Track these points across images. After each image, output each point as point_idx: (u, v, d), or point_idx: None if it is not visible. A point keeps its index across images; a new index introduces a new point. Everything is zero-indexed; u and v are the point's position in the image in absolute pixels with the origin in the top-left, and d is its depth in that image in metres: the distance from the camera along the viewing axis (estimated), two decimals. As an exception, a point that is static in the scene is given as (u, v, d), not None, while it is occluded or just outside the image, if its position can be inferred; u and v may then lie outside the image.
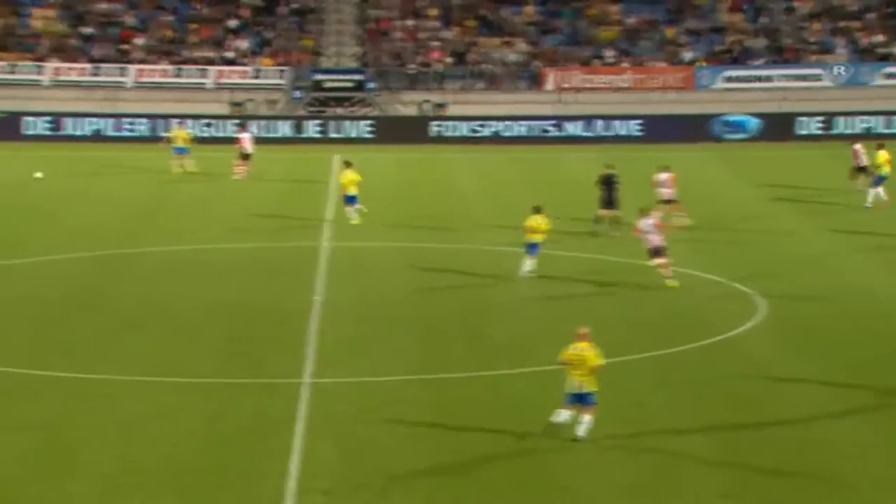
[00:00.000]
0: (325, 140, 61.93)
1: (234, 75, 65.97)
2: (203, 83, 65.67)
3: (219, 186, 48.62)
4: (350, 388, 24.71)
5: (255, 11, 70.07)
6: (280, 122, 63.40)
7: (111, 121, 62.74)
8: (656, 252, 32.73)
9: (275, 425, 22.35)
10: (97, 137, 61.89)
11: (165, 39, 68.22)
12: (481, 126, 63.02)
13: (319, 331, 28.64)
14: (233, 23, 69.27)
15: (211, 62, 66.54)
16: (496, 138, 62.41)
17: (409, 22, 69.86)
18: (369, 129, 62.87)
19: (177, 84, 65.48)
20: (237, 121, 60.89)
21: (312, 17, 70.47)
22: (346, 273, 34.73)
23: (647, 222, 32.99)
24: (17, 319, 29.48)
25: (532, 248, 33.65)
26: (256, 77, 66.01)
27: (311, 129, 63.01)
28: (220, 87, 65.49)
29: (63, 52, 66.67)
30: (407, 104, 65.06)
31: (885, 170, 43.53)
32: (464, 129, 62.92)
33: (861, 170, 45.60)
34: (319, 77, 65.61)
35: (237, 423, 22.54)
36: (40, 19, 68.61)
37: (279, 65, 66.50)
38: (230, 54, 67.40)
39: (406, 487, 19.65)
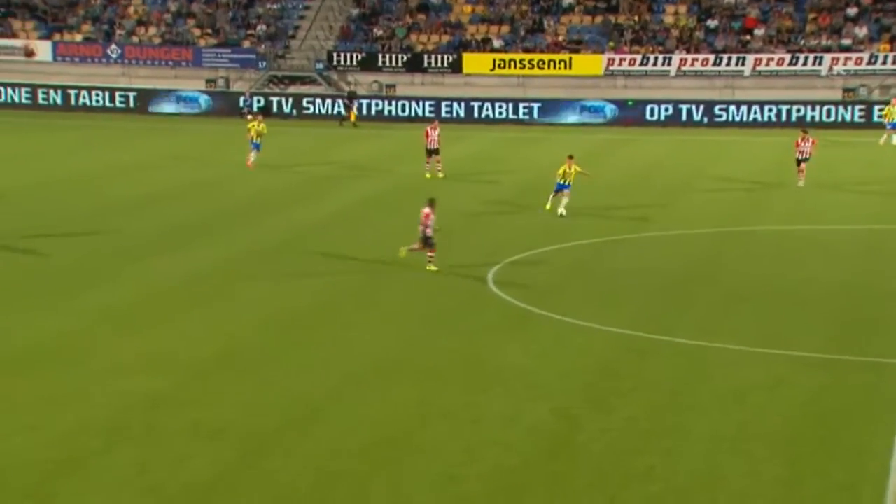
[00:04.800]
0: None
1: (849, 62, 64.50)
2: (818, 70, 64.65)
3: (833, 171, 47.79)
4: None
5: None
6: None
7: (732, 107, 63.50)
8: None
9: (880, 403, 21.78)
10: (712, 124, 62.90)
11: (785, 29, 67.72)
12: None
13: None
14: (852, 10, 67.66)
15: (827, 50, 65.45)
16: None
17: None
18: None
19: (792, 72, 64.90)
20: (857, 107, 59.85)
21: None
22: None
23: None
24: (644, 287, 30.27)
25: None
26: (872, 63, 64.18)
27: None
28: (835, 74, 64.26)
29: (689, 44, 67.84)
30: None
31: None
32: None
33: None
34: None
35: (844, 399, 22.13)
36: (672, 15, 70.10)
37: (896, 50, 64.47)
38: (847, 41, 65.91)
39: None
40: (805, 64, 64.81)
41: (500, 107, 65.51)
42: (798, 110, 62.12)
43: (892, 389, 22.49)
